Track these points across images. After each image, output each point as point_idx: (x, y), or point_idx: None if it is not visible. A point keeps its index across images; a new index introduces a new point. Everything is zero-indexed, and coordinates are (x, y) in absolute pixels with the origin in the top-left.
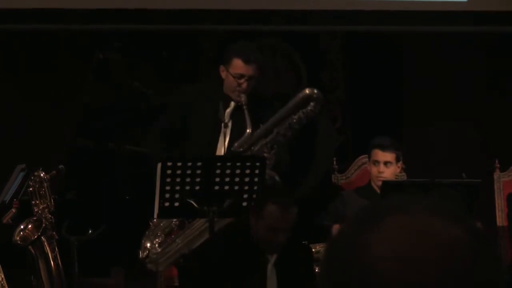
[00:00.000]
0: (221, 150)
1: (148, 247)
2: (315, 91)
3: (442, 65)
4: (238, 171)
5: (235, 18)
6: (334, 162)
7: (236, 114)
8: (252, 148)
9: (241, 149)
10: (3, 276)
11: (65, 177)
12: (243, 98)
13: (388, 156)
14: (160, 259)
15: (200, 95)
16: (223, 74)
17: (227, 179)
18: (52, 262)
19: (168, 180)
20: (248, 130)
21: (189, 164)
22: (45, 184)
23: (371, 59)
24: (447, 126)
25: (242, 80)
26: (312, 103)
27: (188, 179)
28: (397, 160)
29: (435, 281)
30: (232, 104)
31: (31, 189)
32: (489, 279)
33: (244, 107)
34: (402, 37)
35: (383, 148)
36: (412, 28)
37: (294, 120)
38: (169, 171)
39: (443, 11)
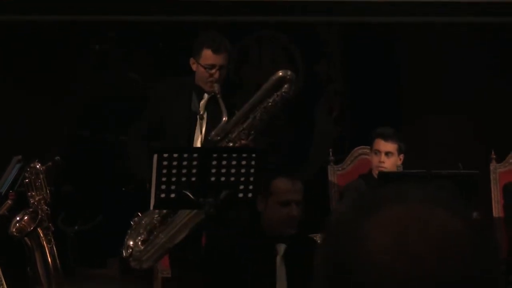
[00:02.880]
0: (197, 142)
1: (131, 245)
2: (289, 72)
3: (439, 57)
4: (234, 162)
5: (233, 9)
6: (330, 154)
7: (211, 105)
8: (229, 135)
9: (218, 138)
10: None
11: (62, 168)
12: (216, 87)
13: (390, 146)
14: (143, 256)
15: (173, 90)
16: (194, 66)
17: (223, 171)
18: (48, 254)
19: (164, 171)
20: (224, 118)
21: (185, 155)
22: (41, 176)
23: (368, 50)
24: (444, 117)
25: (213, 70)
26: (286, 85)
27: (184, 171)
28: (399, 151)
29: (433, 273)
30: (206, 95)
31: (27, 180)
32: (487, 271)
33: (218, 96)
34: (399, 28)
35: (385, 138)
36: (408, 19)
37: (269, 104)
38: (165, 163)
39: (443, 2)
